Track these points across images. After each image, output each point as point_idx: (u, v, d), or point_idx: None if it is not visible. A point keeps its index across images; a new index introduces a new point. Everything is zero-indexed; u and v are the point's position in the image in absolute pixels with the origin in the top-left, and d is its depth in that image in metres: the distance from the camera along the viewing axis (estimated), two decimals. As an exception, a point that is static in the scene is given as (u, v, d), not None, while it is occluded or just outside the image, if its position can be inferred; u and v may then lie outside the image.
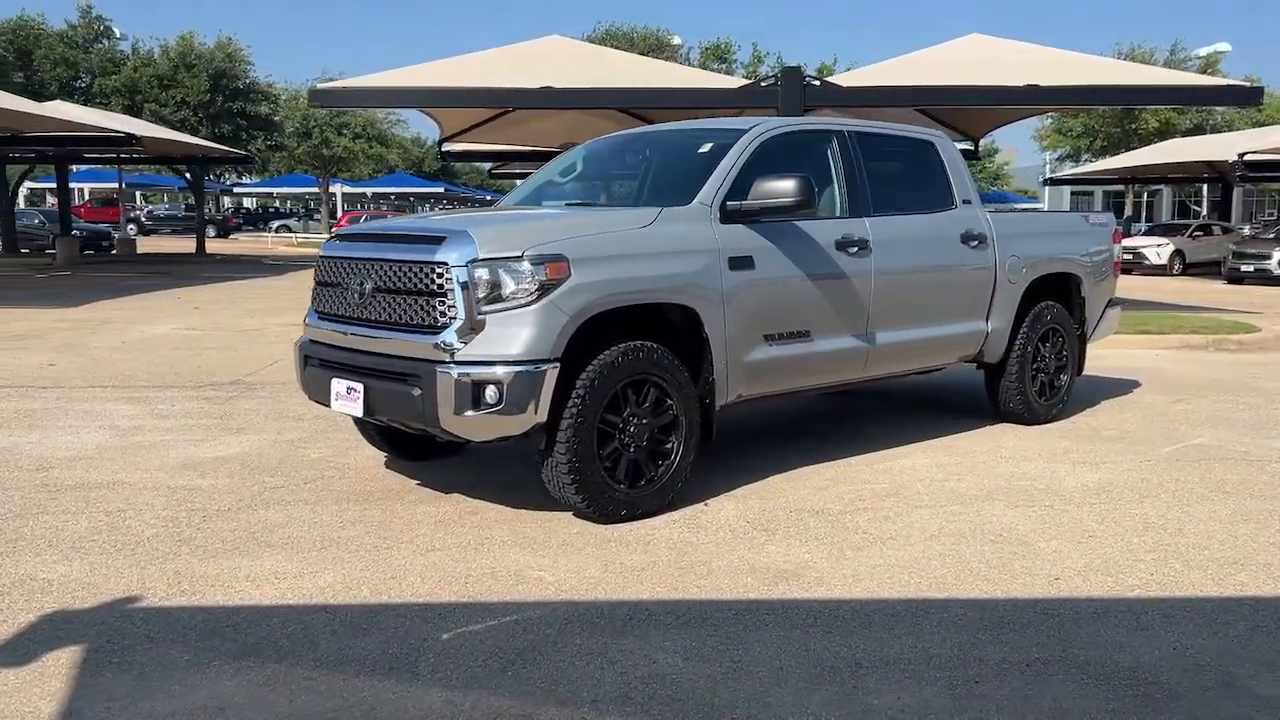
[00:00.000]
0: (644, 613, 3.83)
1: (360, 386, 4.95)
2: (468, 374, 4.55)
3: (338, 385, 5.07)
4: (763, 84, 14.40)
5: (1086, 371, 9.66)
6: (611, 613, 3.83)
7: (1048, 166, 53.71)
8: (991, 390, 7.23)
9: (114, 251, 33.21)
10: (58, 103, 27.06)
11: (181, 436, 6.79)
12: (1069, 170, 42.74)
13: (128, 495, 5.36)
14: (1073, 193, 70.60)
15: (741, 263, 5.30)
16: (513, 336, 4.56)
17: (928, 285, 6.36)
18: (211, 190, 50.12)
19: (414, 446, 5.95)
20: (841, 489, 5.55)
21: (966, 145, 24.11)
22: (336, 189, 56.80)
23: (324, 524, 4.89)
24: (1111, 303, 7.95)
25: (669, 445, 5.08)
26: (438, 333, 4.66)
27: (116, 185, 42.19)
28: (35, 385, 8.71)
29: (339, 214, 49.90)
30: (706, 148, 5.70)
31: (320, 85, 13.89)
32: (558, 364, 4.61)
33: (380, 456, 6.16)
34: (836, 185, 6.00)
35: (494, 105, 14.19)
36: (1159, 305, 16.22)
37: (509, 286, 4.59)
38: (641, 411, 4.95)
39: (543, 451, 4.76)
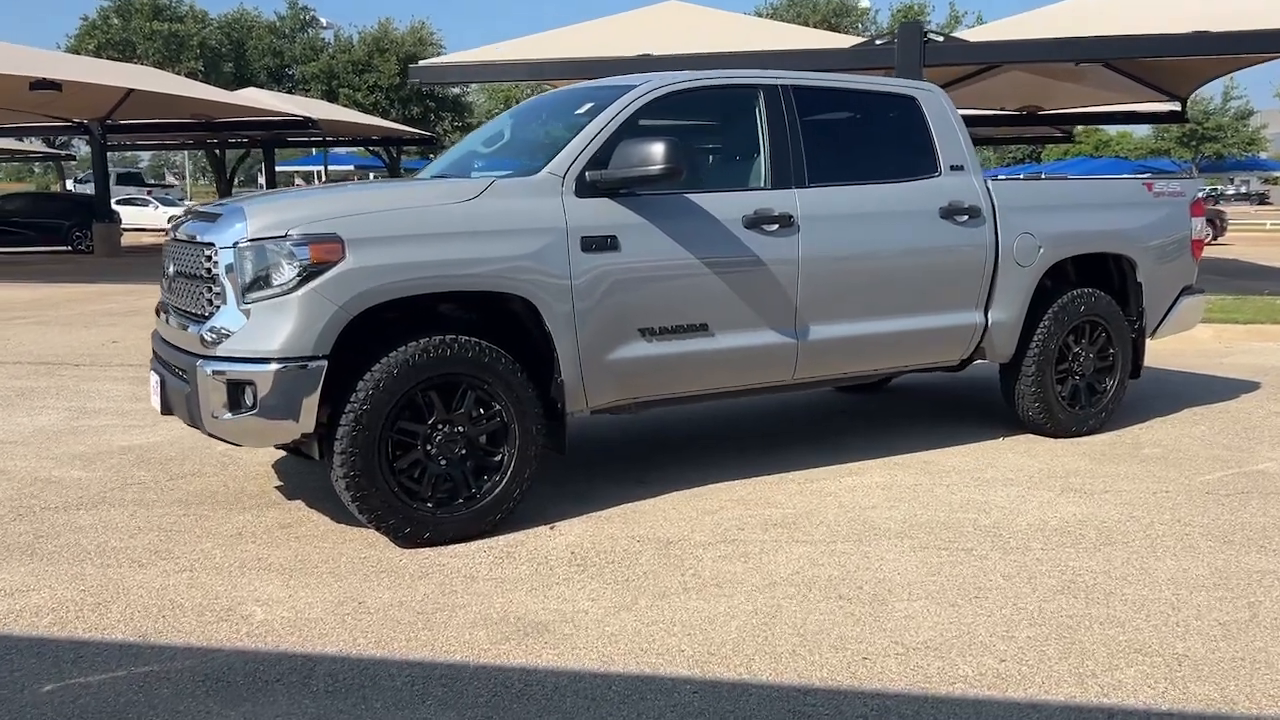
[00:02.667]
0: (303, 673, 3.16)
1: (159, 380, 4.51)
2: (222, 371, 3.99)
3: (152, 379, 4.65)
4: (877, 42, 13.08)
5: (1198, 370, 8.16)
6: (269, 669, 3.18)
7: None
8: (1007, 394, 6.01)
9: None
10: (250, 90, 28.62)
11: (127, 421, 6.62)
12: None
13: (-15, 487, 5.16)
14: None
15: (600, 243, 4.47)
16: (273, 330, 3.96)
17: (886, 269, 5.26)
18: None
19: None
20: (731, 514, 4.64)
21: (1172, 106, 21.58)
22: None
23: (122, 530, 4.48)
24: (1188, 290, 6.48)
25: (499, 458, 4.36)
26: (203, 323, 4.13)
27: (357, 168, 44.46)
28: (68, 362, 8.89)
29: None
30: (585, 109, 4.87)
31: (422, 63, 13.71)
32: (324, 363, 3.98)
33: (277, 454, 5.73)
34: (762, 151, 5.02)
35: (590, 76, 13.55)
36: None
37: (276, 272, 3.99)
38: (456, 419, 4.24)
39: (325, 463, 4.15)
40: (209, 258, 4.12)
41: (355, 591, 3.78)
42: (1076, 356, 5.97)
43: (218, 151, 34.85)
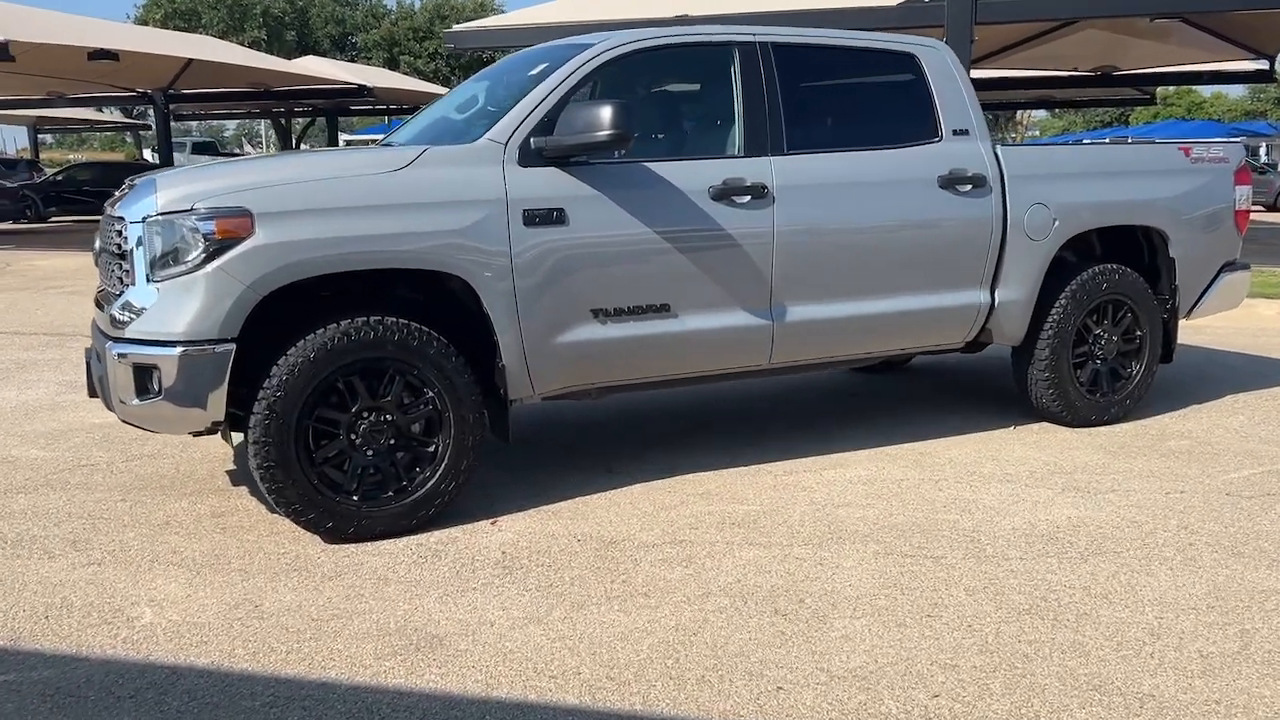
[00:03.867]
0: (163, 688, 2.91)
1: (87, 363, 4.30)
2: (126, 354, 3.75)
3: (85, 361, 4.45)
4: (926, 0, 12.39)
5: (1251, 351, 7.57)
6: (128, 684, 2.93)
7: None
8: (1020, 380, 5.53)
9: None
10: (308, 58, 28.66)
11: (111, 398, 6.47)
12: None
13: (-62, 467, 5.03)
14: None
15: (546, 217, 4.12)
16: (178, 310, 3.70)
17: (874, 244, 4.81)
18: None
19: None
20: (689, 510, 4.28)
21: (1260, 64, 20.42)
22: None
23: (50, 517, 4.29)
24: (1229, 266, 5.90)
25: (434, 449, 4.06)
26: (115, 302, 3.90)
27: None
28: (82, 333, 8.82)
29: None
30: (538, 70, 4.51)
31: (456, 28, 13.40)
32: (232, 346, 3.71)
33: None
34: (735, 116, 4.61)
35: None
36: None
37: (184, 249, 3.72)
38: (383, 406, 3.95)
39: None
40: (119, 233, 3.89)
41: (256, 593, 3.53)
42: (1097, 339, 5.46)
43: (283, 120, 35.12)
